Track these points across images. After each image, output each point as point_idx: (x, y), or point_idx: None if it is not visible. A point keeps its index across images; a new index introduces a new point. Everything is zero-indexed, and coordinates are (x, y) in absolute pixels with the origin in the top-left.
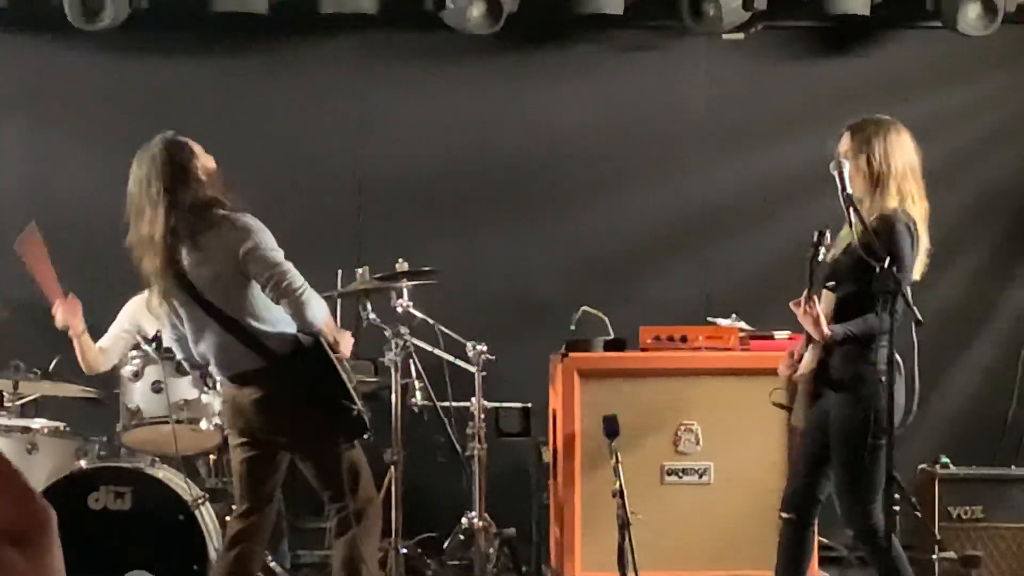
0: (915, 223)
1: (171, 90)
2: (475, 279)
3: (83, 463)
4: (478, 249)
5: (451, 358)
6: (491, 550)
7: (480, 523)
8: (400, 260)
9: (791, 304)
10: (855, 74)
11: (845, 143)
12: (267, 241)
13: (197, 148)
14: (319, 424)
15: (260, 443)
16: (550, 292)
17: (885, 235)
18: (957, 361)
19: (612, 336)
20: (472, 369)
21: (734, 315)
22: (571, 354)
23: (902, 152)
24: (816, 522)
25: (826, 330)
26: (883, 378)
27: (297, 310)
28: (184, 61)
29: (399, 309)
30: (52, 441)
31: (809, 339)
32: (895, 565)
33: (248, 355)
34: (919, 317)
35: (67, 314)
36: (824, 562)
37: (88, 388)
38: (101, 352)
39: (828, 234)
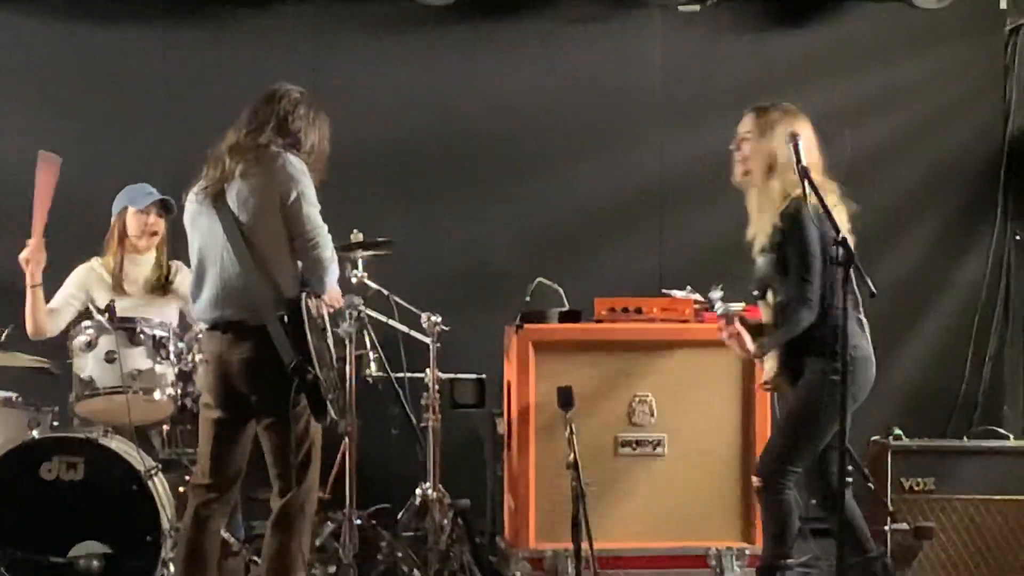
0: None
1: (119, 59)
2: (430, 250)
3: (35, 433)
4: (433, 220)
5: (405, 329)
6: (445, 521)
7: (434, 494)
8: (355, 231)
9: (724, 337)
10: (810, 47)
11: (747, 124)
12: (307, 192)
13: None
14: (291, 396)
15: (235, 408)
16: (505, 263)
17: (789, 230)
18: (910, 333)
19: (567, 307)
20: (426, 340)
21: (688, 287)
22: (526, 325)
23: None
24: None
25: (751, 347)
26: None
27: (328, 275)
28: (132, 29)
29: (353, 280)
30: (4, 411)
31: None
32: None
33: (244, 303)
34: (872, 289)
35: (33, 255)
36: None
37: (40, 358)
38: (50, 313)
39: (718, 292)
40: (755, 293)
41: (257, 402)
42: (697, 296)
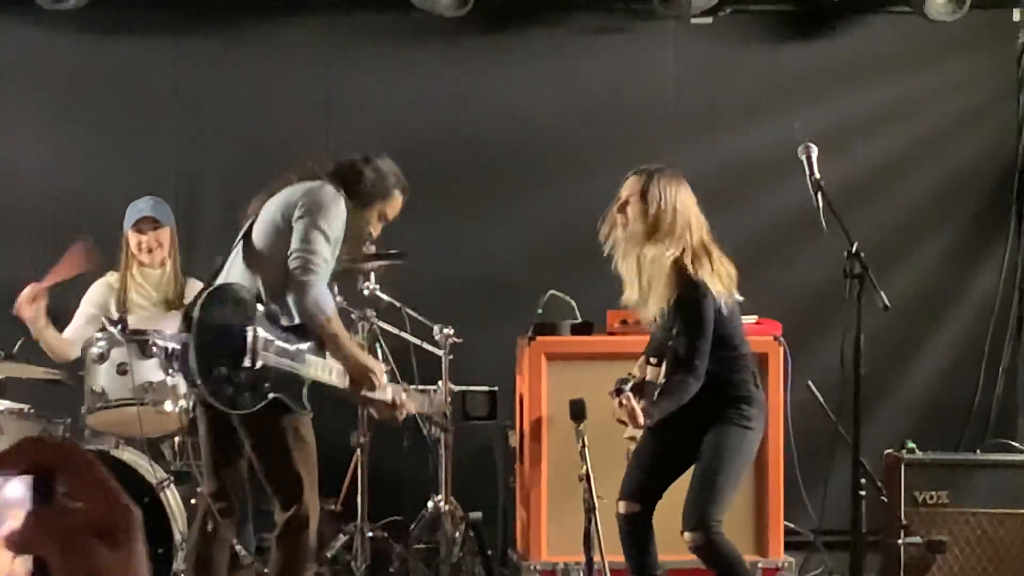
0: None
1: (135, 70)
2: (442, 262)
3: None
4: (446, 232)
5: (418, 341)
6: (457, 534)
7: (446, 507)
8: (367, 243)
9: (616, 410)
10: (824, 58)
11: (630, 186)
12: (323, 215)
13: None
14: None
15: (224, 414)
16: (517, 275)
17: (688, 297)
18: (923, 346)
19: (579, 320)
20: (439, 352)
21: None
22: (538, 337)
23: (689, 202)
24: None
25: (641, 422)
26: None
27: (297, 294)
28: (148, 41)
29: (366, 292)
30: (16, 423)
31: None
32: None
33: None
34: (886, 302)
35: (27, 297)
36: (790, 547)
37: (52, 370)
38: (69, 343)
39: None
40: (651, 360)
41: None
42: None
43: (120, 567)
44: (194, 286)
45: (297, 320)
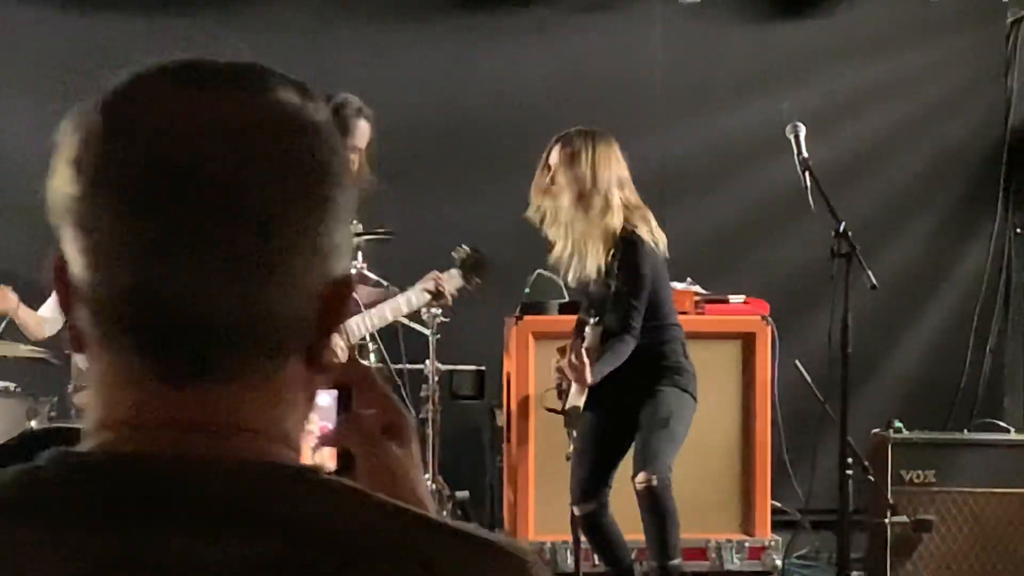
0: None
1: (118, 48)
2: (430, 240)
3: (34, 423)
4: (433, 210)
5: (405, 320)
6: (444, 513)
7: (433, 486)
8: (354, 221)
9: (564, 365)
10: (812, 37)
11: (555, 155)
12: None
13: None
14: None
15: None
16: (505, 254)
17: (626, 257)
18: (910, 325)
19: (567, 299)
20: (426, 331)
21: (689, 279)
22: (526, 317)
23: (616, 165)
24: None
25: (589, 379)
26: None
27: None
28: (132, 19)
29: (353, 270)
30: (2, 402)
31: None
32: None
33: None
34: (874, 282)
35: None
36: (777, 526)
37: (38, 348)
38: (43, 321)
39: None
40: (593, 320)
41: None
42: (698, 288)
43: (406, 460)
44: None
45: None
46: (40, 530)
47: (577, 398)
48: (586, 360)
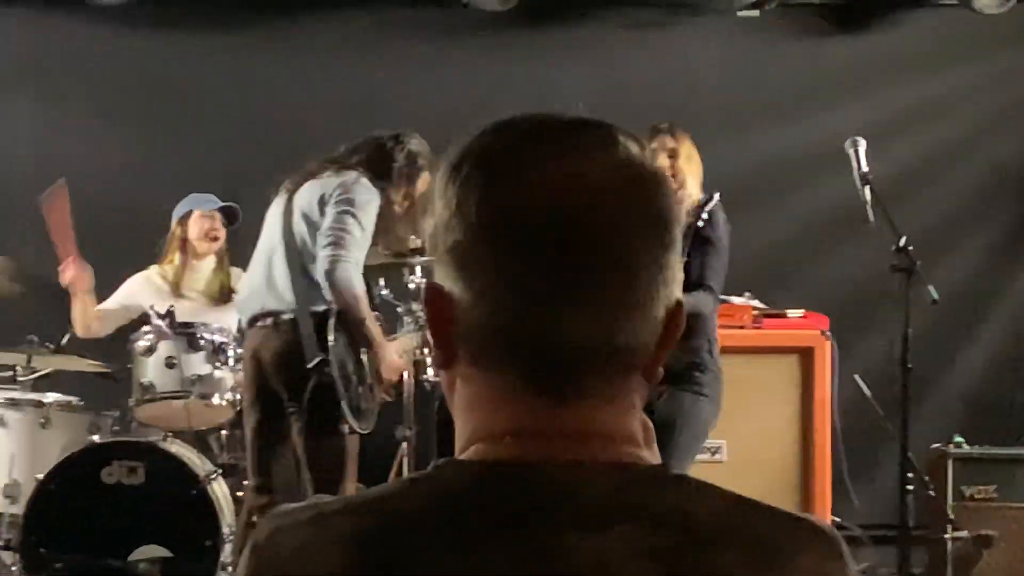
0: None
1: (181, 65)
2: None
3: (96, 437)
4: None
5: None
6: None
7: None
8: (412, 236)
9: None
10: (868, 52)
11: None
12: (358, 206)
13: (420, 158)
14: (326, 397)
15: (272, 406)
16: None
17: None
18: (970, 340)
19: None
20: None
21: (747, 293)
22: None
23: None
24: None
25: None
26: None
27: (327, 271)
28: (194, 36)
29: (411, 285)
30: (65, 415)
31: None
32: None
33: (287, 296)
34: (935, 296)
35: (76, 273)
36: None
37: (100, 363)
38: (99, 316)
39: None
40: None
41: (287, 399)
42: (756, 303)
43: (651, 460)
44: (241, 278)
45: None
46: (457, 535)
47: None
48: None
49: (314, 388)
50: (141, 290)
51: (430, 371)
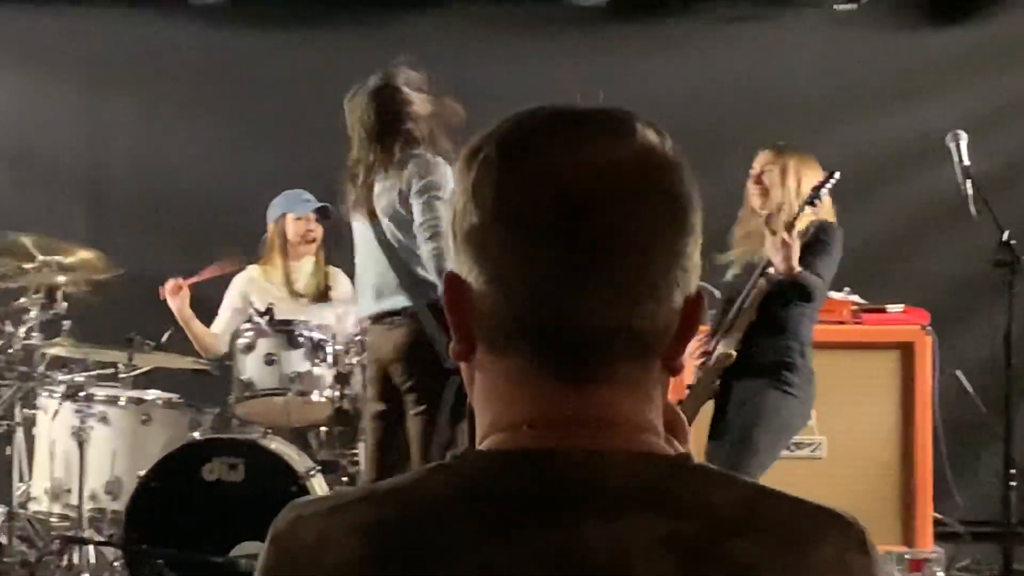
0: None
1: (274, 63)
2: None
3: (196, 434)
4: None
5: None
6: None
7: None
8: None
9: (768, 226)
10: (969, 44)
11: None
12: (437, 187)
13: (409, 90)
14: (441, 384)
15: (393, 400)
16: None
17: (826, 231)
18: None
19: (714, 310)
20: None
21: (847, 288)
22: None
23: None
24: None
25: (795, 264)
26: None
27: (436, 268)
28: (290, 34)
29: None
30: (166, 412)
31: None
32: None
33: (400, 293)
34: None
35: (171, 289)
36: (938, 538)
37: (200, 360)
38: (217, 336)
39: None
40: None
41: (408, 388)
42: (856, 297)
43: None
44: (341, 277)
45: None
46: (476, 524)
47: (728, 346)
48: (796, 243)
49: (449, 378)
50: (246, 288)
51: None
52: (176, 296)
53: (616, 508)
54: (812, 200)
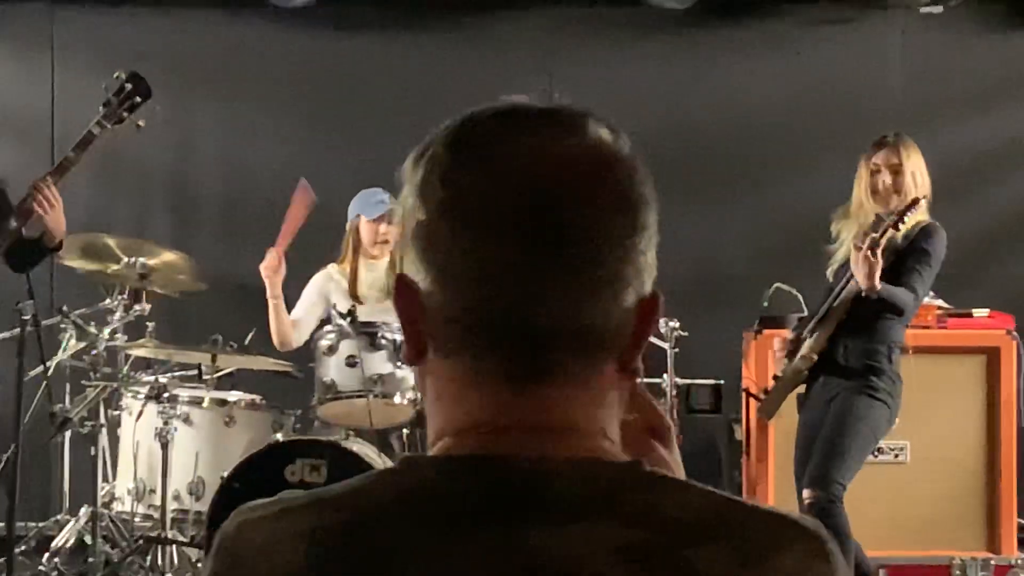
0: None
1: (359, 65)
2: (666, 255)
3: (279, 436)
4: (669, 225)
5: None
6: None
7: None
8: None
9: (853, 243)
10: None
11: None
12: None
13: None
14: None
15: None
16: (742, 268)
17: (931, 235)
18: None
19: (806, 313)
20: (664, 345)
21: (932, 293)
22: (764, 330)
23: None
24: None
25: (877, 282)
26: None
27: None
28: (372, 36)
29: None
30: (249, 414)
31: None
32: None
33: None
34: None
35: (272, 266)
36: (1022, 544)
37: (283, 362)
38: (294, 325)
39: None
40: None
41: None
42: (940, 302)
43: (671, 461)
44: None
45: None
46: (421, 531)
47: (816, 342)
48: (879, 262)
49: None
50: (325, 286)
51: None
52: (277, 272)
53: (565, 515)
54: (897, 224)
